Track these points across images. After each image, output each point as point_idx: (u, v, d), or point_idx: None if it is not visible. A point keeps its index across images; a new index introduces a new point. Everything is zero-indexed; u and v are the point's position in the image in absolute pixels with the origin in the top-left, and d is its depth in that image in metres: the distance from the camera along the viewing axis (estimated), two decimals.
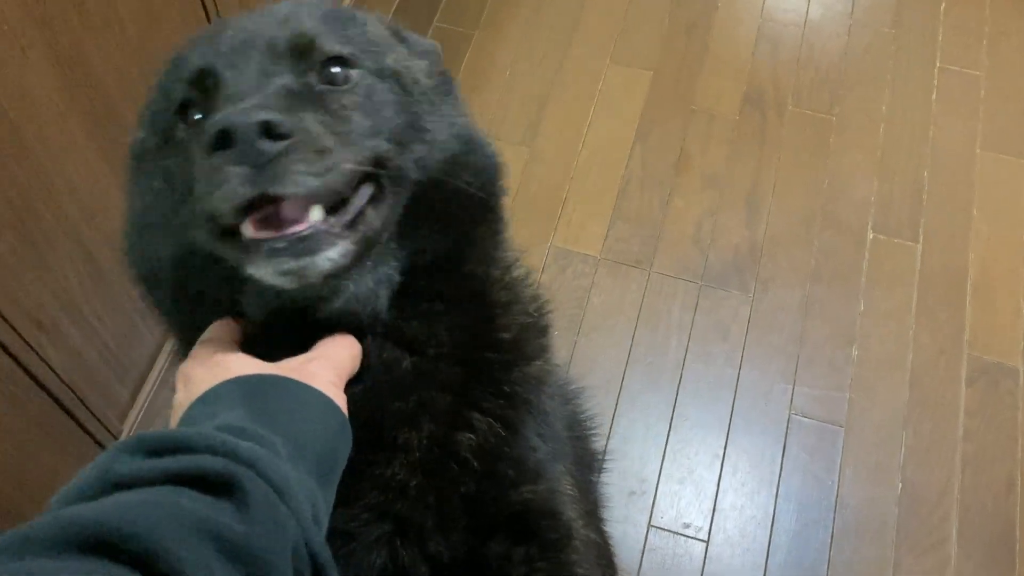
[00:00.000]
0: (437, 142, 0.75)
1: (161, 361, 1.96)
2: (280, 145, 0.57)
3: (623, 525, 1.93)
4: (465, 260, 0.82)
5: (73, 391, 1.64)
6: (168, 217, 0.72)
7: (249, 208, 0.61)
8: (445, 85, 0.82)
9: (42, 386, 1.55)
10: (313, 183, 0.60)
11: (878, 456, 2.04)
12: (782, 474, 2.01)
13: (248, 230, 0.62)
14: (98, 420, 1.75)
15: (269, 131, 0.57)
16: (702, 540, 1.93)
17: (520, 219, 2.31)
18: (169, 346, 1.98)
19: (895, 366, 2.14)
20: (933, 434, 2.06)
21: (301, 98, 0.64)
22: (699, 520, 1.95)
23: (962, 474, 2.02)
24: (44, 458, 1.63)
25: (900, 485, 2.00)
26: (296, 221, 0.62)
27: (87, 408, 1.70)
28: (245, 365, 0.70)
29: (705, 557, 1.91)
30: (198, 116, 0.67)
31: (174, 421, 0.71)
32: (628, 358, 2.13)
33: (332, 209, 0.66)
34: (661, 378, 2.11)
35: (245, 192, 0.59)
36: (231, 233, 0.65)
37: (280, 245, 0.61)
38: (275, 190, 0.59)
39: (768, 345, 2.16)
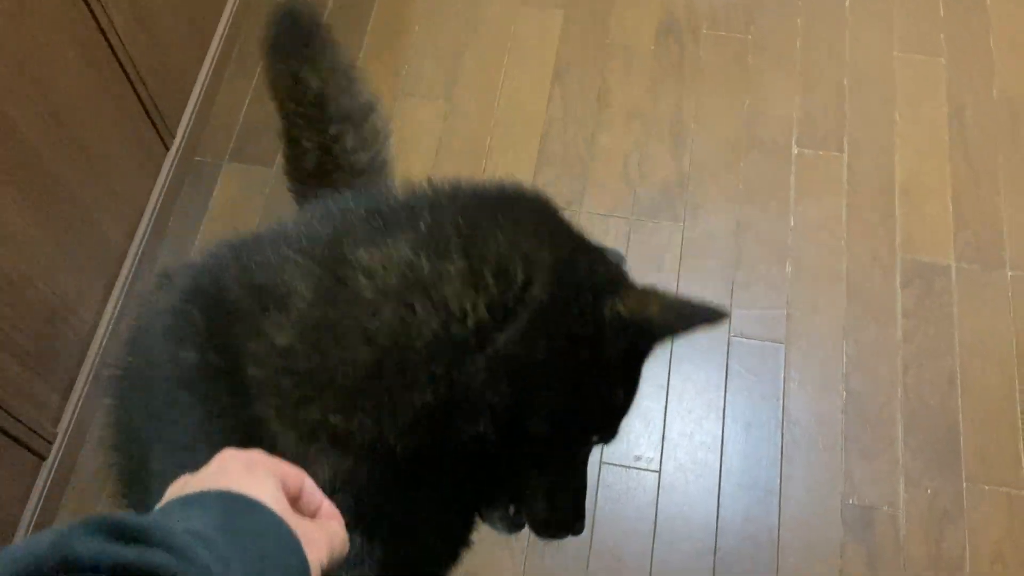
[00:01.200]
0: None
1: (89, 362, 1.93)
2: None
3: None
4: None
5: None
6: None
7: None
8: None
9: None
10: None
11: (821, 369, 2.05)
12: (727, 397, 2.02)
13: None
14: (25, 426, 1.72)
15: None
16: (654, 471, 1.94)
17: (444, 175, 2.28)
18: (96, 347, 1.95)
19: (831, 277, 2.15)
20: (873, 340, 2.08)
21: None
22: (649, 452, 1.96)
23: (904, 376, 2.04)
24: None
25: (845, 394, 2.02)
26: None
27: (10, 415, 1.66)
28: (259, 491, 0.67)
29: (658, 487, 1.92)
30: None
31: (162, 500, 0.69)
32: None
33: None
34: None
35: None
36: None
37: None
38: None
39: (703, 271, 2.16)
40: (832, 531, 1.88)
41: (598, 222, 2.22)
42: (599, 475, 1.93)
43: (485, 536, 1.87)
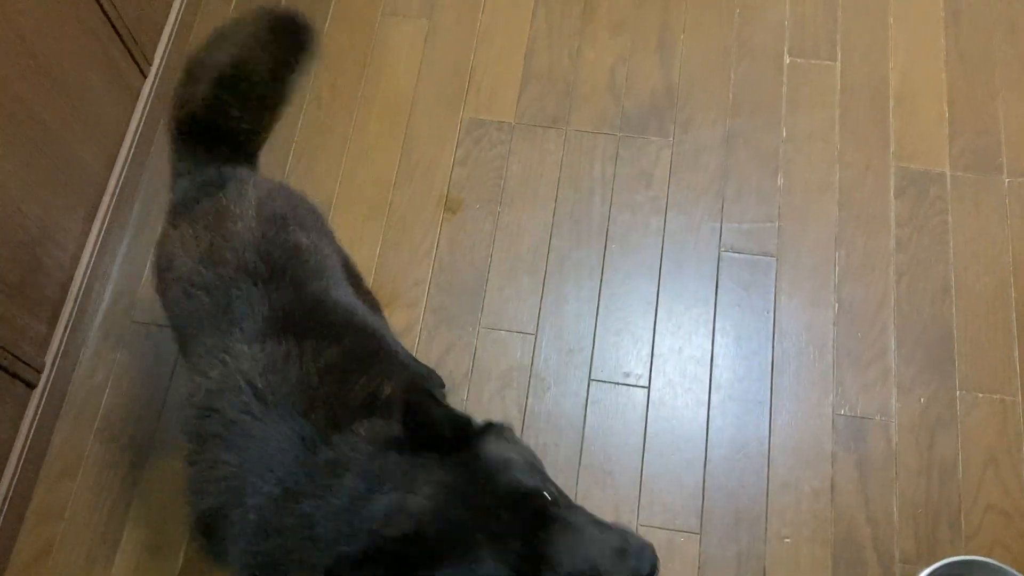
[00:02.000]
0: None
1: (73, 292, 1.92)
2: None
3: (564, 384, 1.93)
4: None
5: None
6: None
7: None
8: None
9: None
10: None
11: (812, 280, 2.02)
12: (717, 312, 2.00)
13: None
14: (12, 355, 1.72)
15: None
16: (643, 386, 1.93)
17: (428, 96, 2.24)
18: (80, 277, 1.94)
19: (823, 188, 2.11)
20: (866, 250, 2.05)
21: None
22: (639, 368, 1.95)
23: (897, 285, 2.01)
24: None
25: (836, 306, 2.00)
26: None
27: (1, 347, 1.66)
28: None
29: (648, 402, 1.92)
30: None
31: None
32: (553, 219, 2.09)
33: None
34: (588, 235, 2.08)
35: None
36: None
37: None
38: None
39: (693, 186, 2.12)
40: (823, 442, 1.88)
41: (585, 139, 2.18)
42: (588, 392, 1.92)
43: None
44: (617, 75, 2.25)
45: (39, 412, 1.83)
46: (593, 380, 1.94)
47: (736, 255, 2.05)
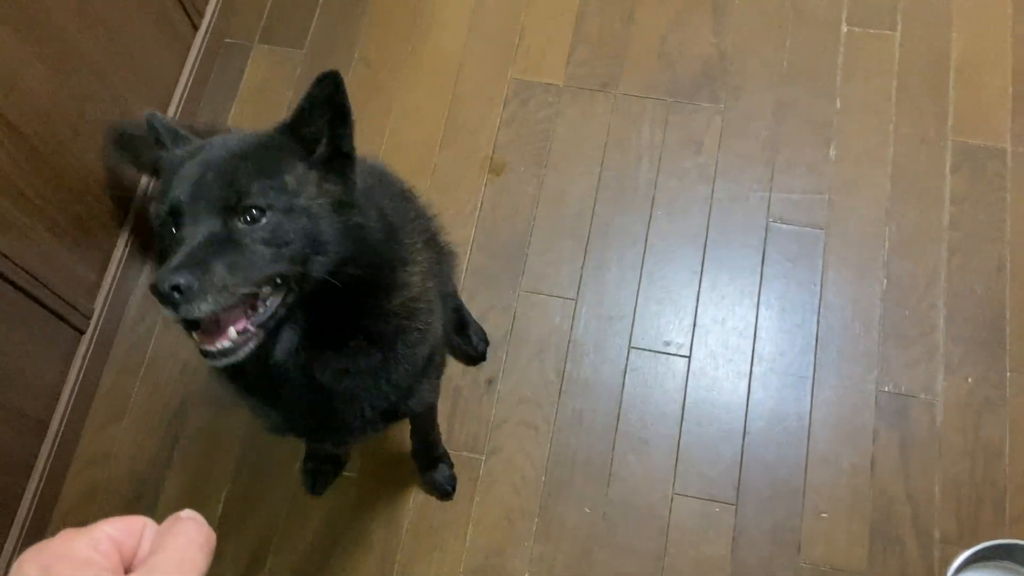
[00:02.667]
0: (335, 250, 1.02)
1: (121, 242, 1.95)
2: (181, 297, 0.89)
3: (603, 351, 1.92)
4: (363, 313, 1.13)
5: (28, 272, 1.63)
6: None
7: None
8: (348, 202, 1.06)
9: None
10: (209, 308, 0.91)
11: (861, 254, 1.98)
12: (762, 283, 1.97)
13: (195, 335, 0.97)
14: (63, 299, 1.75)
15: (178, 288, 0.88)
16: (684, 356, 1.92)
17: (476, 57, 2.22)
18: (128, 227, 1.97)
19: (876, 161, 2.06)
20: (918, 225, 2.00)
21: (221, 242, 0.95)
22: (680, 337, 1.94)
23: (948, 262, 1.97)
24: (10, 340, 1.64)
25: (885, 281, 1.96)
26: (228, 324, 0.97)
27: (47, 288, 1.69)
28: None
29: (688, 372, 1.90)
30: (172, 227, 0.99)
31: None
32: (598, 185, 2.07)
33: (254, 305, 0.99)
34: (633, 201, 2.05)
35: (174, 316, 0.91)
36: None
37: (209, 350, 0.97)
38: (184, 315, 0.91)
39: (742, 154, 2.09)
40: (865, 418, 1.86)
41: (634, 104, 2.15)
42: (627, 359, 1.92)
43: (511, 415, 1.88)
44: (669, 40, 2.21)
45: (87, 357, 1.87)
46: (633, 348, 1.93)
47: (784, 226, 2.01)
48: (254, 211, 0.97)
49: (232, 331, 0.98)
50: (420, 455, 1.79)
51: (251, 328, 0.99)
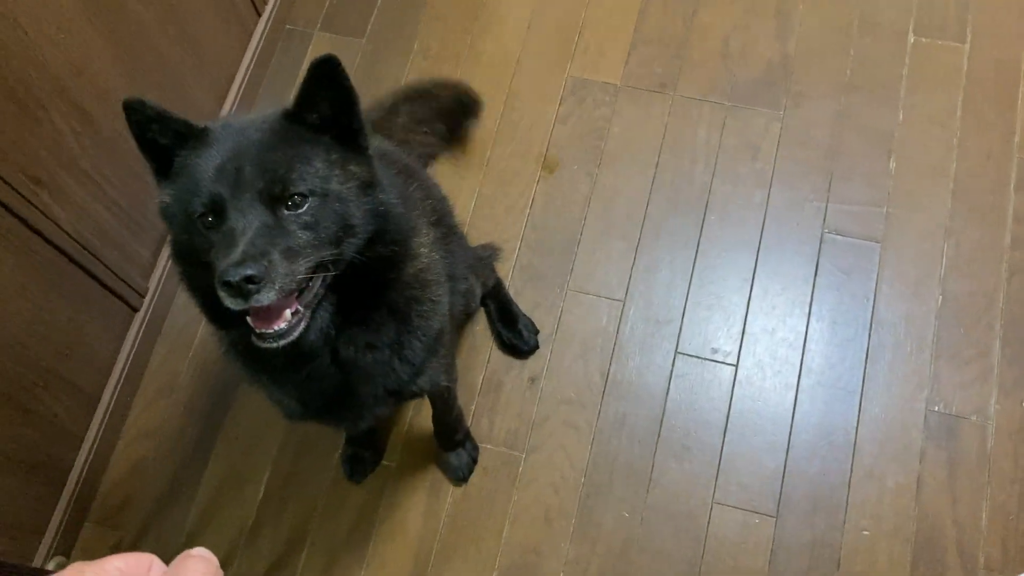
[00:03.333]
0: (363, 231, 1.07)
1: None
2: (255, 287, 0.95)
3: (649, 355, 1.91)
4: (386, 286, 1.18)
5: (86, 248, 1.67)
6: (195, 266, 1.08)
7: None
8: (371, 181, 1.10)
9: (52, 244, 1.58)
10: (274, 296, 0.97)
11: (917, 270, 1.95)
12: (815, 294, 1.94)
13: (250, 320, 1.03)
14: (118, 277, 1.78)
15: (250, 279, 0.94)
16: (731, 364, 1.90)
17: (534, 53, 2.22)
18: None
19: (937, 175, 2.02)
20: (978, 243, 1.96)
21: (272, 230, 0.99)
22: (728, 345, 1.92)
23: (1008, 283, 1.92)
24: (67, 314, 1.67)
25: (940, 298, 1.92)
26: (281, 310, 1.03)
27: (104, 265, 1.73)
28: None
29: (734, 381, 1.88)
30: (211, 220, 1.02)
31: None
32: (652, 186, 2.05)
33: (301, 287, 1.03)
34: (687, 204, 2.03)
35: (241, 306, 0.97)
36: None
37: (268, 333, 1.03)
38: (255, 304, 0.96)
39: (800, 162, 2.06)
40: (913, 436, 1.82)
41: (692, 107, 2.13)
42: (673, 365, 1.90)
43: (552, 414, 1.88)
44: (731, 42, 2.18)
45: (140, 335, 1.90)
46: (680, 353, 1.91)
47: (839, 238, 1.98)
48: (297, 198, 1.01)
49: (287, 313, 1.04)
50: (440, 436, 1.80)
51: (301, 309, 1.05)
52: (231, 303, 0.97)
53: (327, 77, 1.05)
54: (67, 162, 1.58)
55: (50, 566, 1.75)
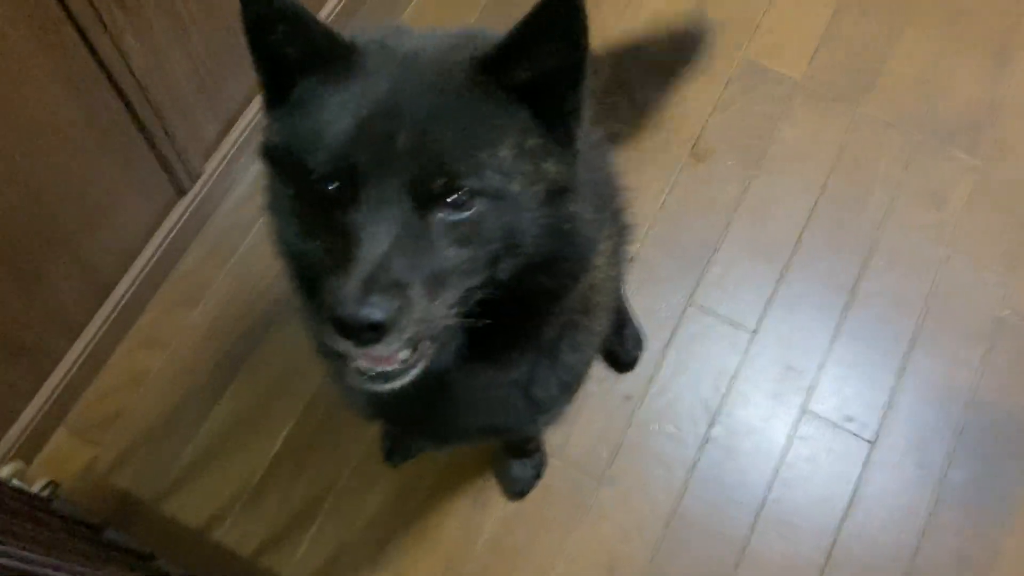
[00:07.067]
0: (532, 252, 0.77)
1: (252, 109, 1.64)
2: (376, 334, 0.69)
3: (771, 403, 1.58)
4: (539, 323, 0.88)
5: (149, 101, 1.33)
6: (302, 253, 0.81)
7: None
8: (564, 188, 0.78)
9: (114, 83, 1.25)
10: (397, 347, 0.73)
11: None
12: (981, 381, 1.61)
13: (353, 355, 0.76)
14: (174, 148, 1.45)
15: (377, 326, 0.69)
16: (867, 440, 1.57)
17: (710, 23, 1.88)
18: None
19: None
20: None
21: (415, 245, 0.71)
22: (866, 415, 1.59)
23: None
24: (108, 176, 1.35)
25: None
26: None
27: (164, 129, 1.39)
28: None
29: (867, 459, 1.55)
30: (336, 189, 0.73)
31: None
32: (813, 208, 1.72)
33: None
34: (849, 240, 1.70)
35: (352, 352, 0.73)
36: None
37: (373, 374, 0.77)
38: (376, 355, 0.75)
39: (990, 226, 1.73)
40: None
41: (875, 129, 1.79)
42: (798, 423, 1.57)
43: (643, 444, 1.55)
44: (936, 68, 1.85)
45: (179, 225, 1.58)
46: (808, 412, 1.58)
47: (1020, 321, 1.65)
48: (462, 197, 0.72)
49: (401, 355, 0.77)
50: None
51: (427, 342, 0.78)
52: (338, 345, 0.70)
53: (562, 21, 0.71)
54: None
55: (4, 471, 1.42)
